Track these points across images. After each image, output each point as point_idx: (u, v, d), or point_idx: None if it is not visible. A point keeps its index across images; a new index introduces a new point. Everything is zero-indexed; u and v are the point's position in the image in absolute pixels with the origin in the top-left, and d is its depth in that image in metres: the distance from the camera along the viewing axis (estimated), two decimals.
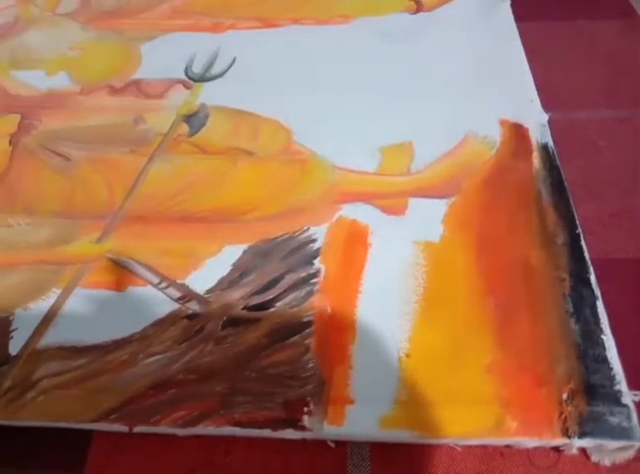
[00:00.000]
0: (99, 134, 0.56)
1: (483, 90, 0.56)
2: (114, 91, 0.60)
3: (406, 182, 0.50)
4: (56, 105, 0.59)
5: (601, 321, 0.40)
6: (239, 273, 0.45)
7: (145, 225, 0.49)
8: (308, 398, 0.38)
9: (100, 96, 0.60)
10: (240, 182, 0.51)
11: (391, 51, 0.60)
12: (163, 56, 0.63)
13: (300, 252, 0.46)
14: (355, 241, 0.46)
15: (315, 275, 0.45)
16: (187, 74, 0.61)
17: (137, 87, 0.60)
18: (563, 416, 0.37)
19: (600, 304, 0.41)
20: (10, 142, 0.56)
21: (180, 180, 0.52)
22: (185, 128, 0.56)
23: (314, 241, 0.46)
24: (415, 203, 0.48)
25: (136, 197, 0.51)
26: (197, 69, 0.61)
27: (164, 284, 0.45)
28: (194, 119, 0.57)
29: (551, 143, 0.50)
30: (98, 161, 0.54)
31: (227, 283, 0.45)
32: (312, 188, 0.50)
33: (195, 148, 0.54)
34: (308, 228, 0.47)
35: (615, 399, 0.37)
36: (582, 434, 0.36)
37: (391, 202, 0.48)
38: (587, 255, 0.43)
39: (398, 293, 0.43)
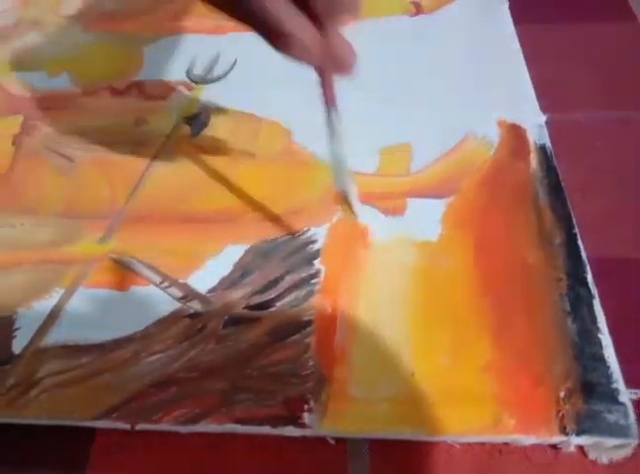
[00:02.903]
0: (101, 135, 0.57)
1: (481, 91, 0.56)
2: (115, 92, 0.61)
3: (405, 182, 0.50)
4: (59, 106, 0.60)
5: (598, 320, 0.41)
6: (240, 272, 0.46)
7: (147, 225, 0.49)
8: (308, 395, 0.39)
9: (102, 97, 0.60)
10: (241, 183, 0.52)
11: (390, 54, 0.60)
12: (165, 58, 0.63)
13: (301, 253, 0.46)
14: (354, 242, 0.47)
15: (315, 275, 0.45)
16: (188, 76, 0.61)
17: (139, 89, 0.61)
18: (560, 414, 0.37)
19: (596, 303, 0.41)
20: (13, 143, 0.57)
21: (181, 180, 0.52)
22: (186, 130, 0.56)
23: (314, 242, 0.47)
24: (414, 204, 0.48)
25: (139, 198, 0.51)
26: (198, 71, 0.62)
27: (166, 284, 0.45)
28: (195, 121, 0.57)
29: (549, 144, 0.51)
30: (100, 162, 0.54)
31: (228, 283, 0.45)
32: (312, 189, 0.50)
33: (196, 149, 0.55)
34: (308, 229, 0.48)
35: (613, 397, 0.37)
36: (579, 432, 0.36)
37: (390, 203, 0.48)
38: (584, 254, 0.44)
39: (397, 293, 0.44)
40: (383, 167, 0.51)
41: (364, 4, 0.40)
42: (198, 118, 0.57)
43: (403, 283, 0.44)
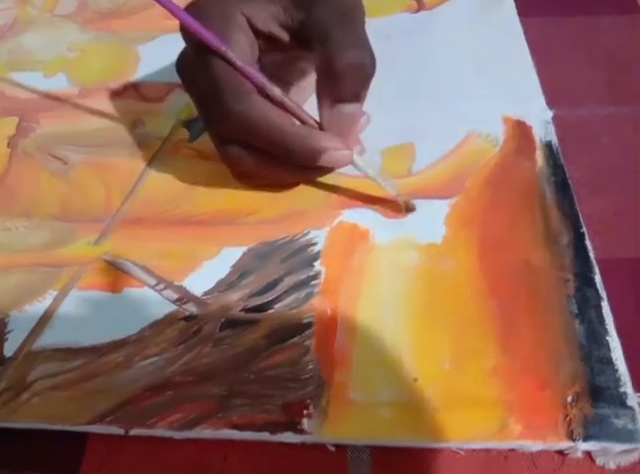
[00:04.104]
0: (97, 138, 0.56)
1: (486, 87, 0.55)
2: (112, 94, 0.60)
3: (407, 184, 0.49)
4: (55, 107, 0.59)
5: (607, 322, 0.40)
6: (238, 274, 0.45)
7: (143, 228, 0.49)
8: (308, 401, 0.38)
9: (98, 99, 0.60)
10: (239, 186, 0.51)
11: (392, 51, 0.59)
12: (162, 58, 0.63)
13: (300, 254, 0.46)
14: (355, 244, 0.46)
15: (315, 277, 0.44)
16: None
17: (136, 90, 0.60)
18: (568, 418, 0.36)
19: (605, 305, 0.40)
20: (8, 145, 0.56)
21: (179, 183, 0.52)
22: (184, 133, 0.56)
23: (314, 244, 0.46)
24: (416, 205, 0.48)
25: (134, 201, 0.51)
26: None
27: (161, 286, 0.44)
28: (194, 125, 0.56)
29: (555, 141, 0.50)
30: (96, 164, 0.54)
31: (226, 285, 0.44)
32: (312, 191, 0.50)
33: (194, 152, 0.54)
34: (308, 232, 0.47)
35: (621, 401, 0.37)
36: (587, 437, 0.35)
37: (392, 205, 0.48)
38: (591, 254, 0.43)
39: (399, 295, 0.43)
40: (385, 168, 0.50)
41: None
42: (196, 121, 0.56)
43: (405, 286, 0.43)
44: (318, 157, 0.44)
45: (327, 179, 0.50)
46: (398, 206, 0.47)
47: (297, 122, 0.45)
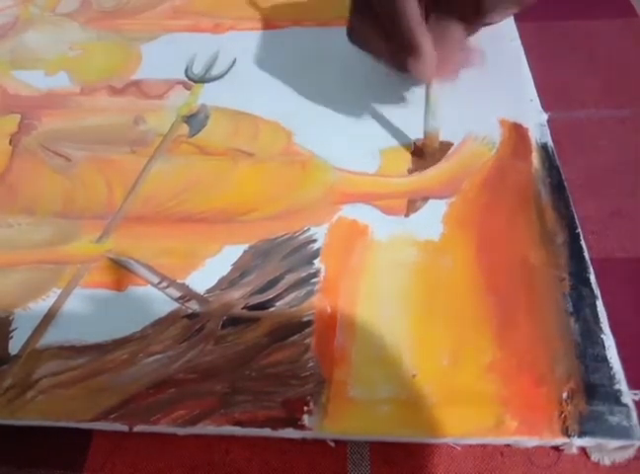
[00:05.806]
0: (99, 135, 0.56)
1: (482, 90, 0.56)
2: (114, 91, 0.60)
3: (406, 183, 0.50)
4: (56, 105, 0.60)
5: (601, 320, 0.40)
6: (239, 272, 0.45)
7: (145, 225, 0.49)
8: (308, 397, 0.38)
9: (100, 96, 0.60)
10: (240, 182, 0.51)
11: None
12: (163, 57, 0.63)
13: (300, 252, 0.46)
14: (355, 241, 0.46)
15: (315, 274, 0.45)
16: (187, 75, 0.61)
17: (137, 87, 0.61)
18: (563, 415, 0.36)
19: (599, 303, 0.41)
20: (10, 142, 0.56)
21: (180, 180, 0.52)
22: (185, 129, 0.56)
23: (314, 241, 0.47)
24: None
25: (137, 198, 0.51)
26: (197, 70, 0.62)
27: (164, 284, 0.45)
28: (194, 120, 0.57)
29: (551, 143, 0.50)
30: (98, 161, 0.54)
31: (227, 283, 0.45)
32: (312, 188, 0.50)
33: (195, 149, 0.54)
34: (308, 228, 0.47)
35: (615, 398, 0.37)
36: (582, 434, 0.36)
37: (391, 203, 0.48)
38: (586, 254, 0.43)
39: (397, 292, 0.43)
40: (384, 168, 0.51)
41: None
42: (196, 117, 0.57)
43: (404, 283, 0.44)
44: (413, 58, 0.46)
45: (326, 175, 0.50)
46: (400, 204, 0.48)
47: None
